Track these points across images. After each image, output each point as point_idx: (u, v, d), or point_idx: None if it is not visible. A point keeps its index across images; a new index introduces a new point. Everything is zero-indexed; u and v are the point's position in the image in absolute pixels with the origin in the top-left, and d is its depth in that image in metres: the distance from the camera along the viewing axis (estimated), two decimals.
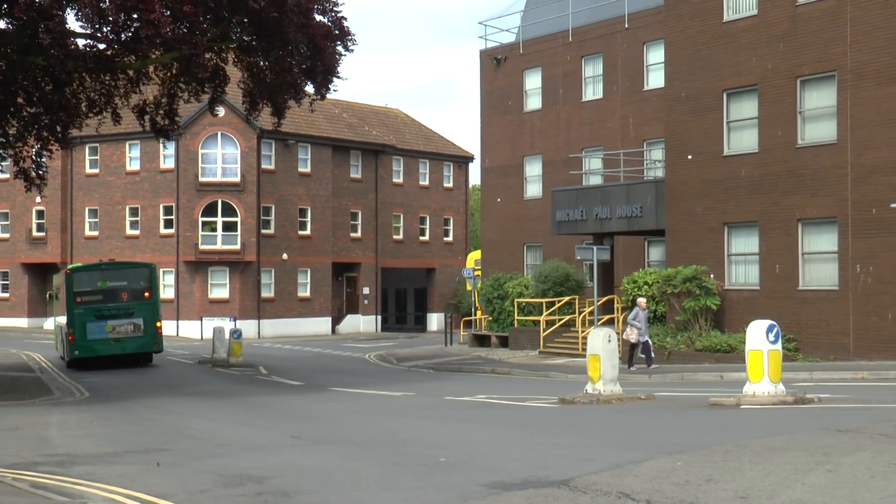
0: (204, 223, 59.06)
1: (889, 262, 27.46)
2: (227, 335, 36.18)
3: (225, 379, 30.54)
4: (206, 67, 25.80)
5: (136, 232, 61.29)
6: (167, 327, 59.64)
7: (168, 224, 60.09)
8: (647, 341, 28.66)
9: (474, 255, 53.05)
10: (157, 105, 28.78)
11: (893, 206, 26.37)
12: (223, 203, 59.02)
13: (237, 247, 58.99)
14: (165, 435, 16.58)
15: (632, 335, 28.30)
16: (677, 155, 32.97)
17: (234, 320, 55.59)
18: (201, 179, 58.84)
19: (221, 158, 59.28)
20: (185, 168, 58.97)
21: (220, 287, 58.39)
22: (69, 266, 39.44)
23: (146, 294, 36.56)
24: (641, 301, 28.95)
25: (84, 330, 35.56)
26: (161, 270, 60.21)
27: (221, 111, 54.51)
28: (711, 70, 31.87)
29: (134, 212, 61.50)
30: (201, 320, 57.52)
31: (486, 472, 11.42)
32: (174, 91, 28.44)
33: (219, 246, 59.02)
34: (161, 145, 56.43)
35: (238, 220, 59.07)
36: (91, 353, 35.65)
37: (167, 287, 60.22)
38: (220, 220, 59.02)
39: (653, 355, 28.78)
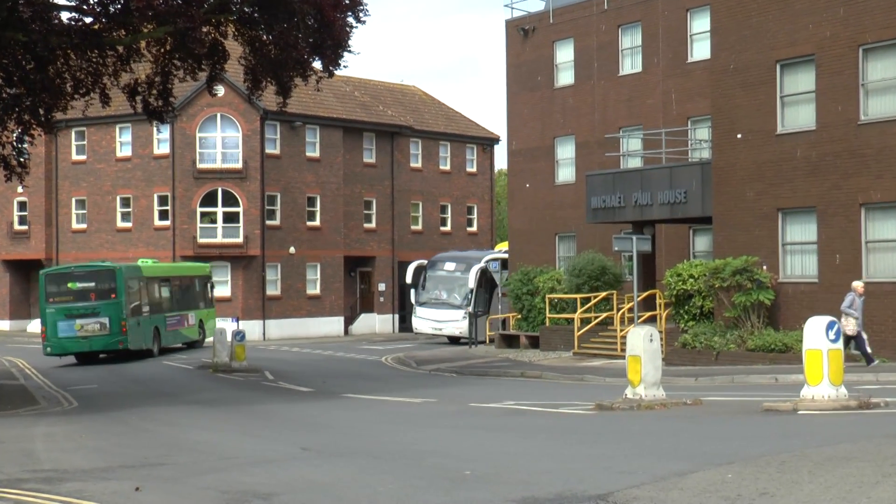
0: (202, 214, 59.25)
1: None
2: (229, 337, 36.32)
3: (227, 385, 30.66)
4: (204, 42, 25.83)
5: (128, 224, 61.55)
6: None
7: (163, 215, 60.30)
8: (860, 334, 26.80)
9: (501, 247, 53.14)
10: (149, 84, 28.85)
11: None
12: (223, 192, 59.18)
13: (239, 240, 59.16)
14: (162, 448, 16.65)
15: (848, 326, 26.24)
16: (725, 134, 32.85)
17: (237, 321, 55.61)
18: (199, 166, 59.01)
19: (221, 143, 59.45)
20: (182, 154, 59.15)
21: (221, 284, 58.53)
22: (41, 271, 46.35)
23: (112, 295, 42.51)
24: (857, 285, 27.12)
25: (55, 328, 41.93)
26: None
27: (221, 90, 54.55)
28: (763, 39, 31.73)
29: (125, 202, 61.76)
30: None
31: (516, 486, 11.42)
32: (168, 69, 28.49)
33: (219, 239, 59.20)
34: (154, 129, 56.57)
35: (240, 210, 59.24)
36: (61, 350, 42.17)
37: None
38: (220, 210, 59.20)
39: (869, 350, 26.90)
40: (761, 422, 16.46)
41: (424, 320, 52.27)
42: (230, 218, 59.29)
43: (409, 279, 54.50)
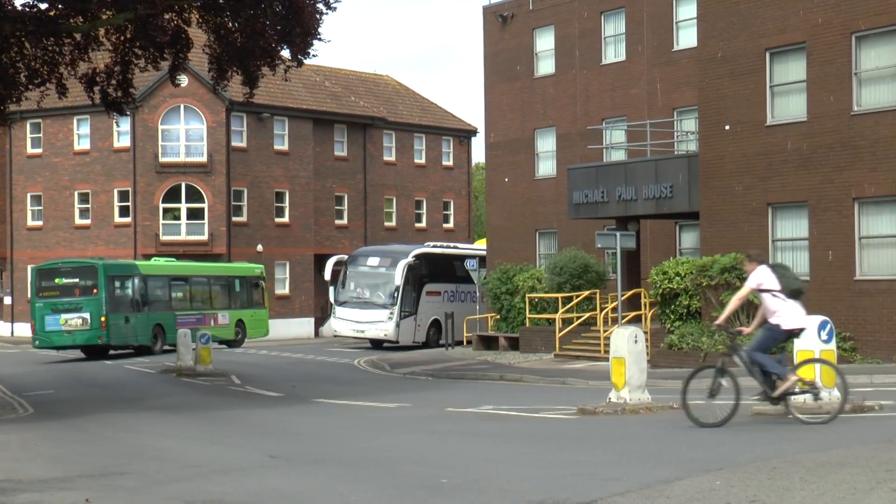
0: (165, 210, 59.11)
1: None
2: (193, 340, 36.21)
3: (192, 390, 30.58)
4: (166, 30, 25.74)
5: (87, 221, 61.33)
6: None
7: (124, 212, 60.13)
8: None
9: (479, 244, 53.15)
10: (108, 74, 28.71)
11: None
12: (187, 187, 59.03)
13: (204, 237, 59.04)
14: (124, 456, 16.59)
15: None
16: (713, 125, 32.95)
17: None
18: (162, 160, 58.86)
19: (185, 135, 59.32)
20: (143, 147, 58.96)
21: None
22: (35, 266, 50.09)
23: (94, 291, 45.79)
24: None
25: (43, 322, 45.88)
26: None
27: (184, 80, 54.33)
28: (752, 26, 31.83)
29: (84, 198, 61.54)
30: None
31: (495, 494, 11.43)
32: (129, 58, 28.36)
33: (183, 236, 59.07)
34: (114, 121, 56.37)
35: (205, 206, 59.11)
36: (48, 343, 46.17)
37: None
38: (184, 206, 59.06)
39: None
40: (751, 426, 16.50)
41: (344, 321, 49.79)
42: (194, 214, 59.16)
43: (327, 276, 52.15)
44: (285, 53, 28.26)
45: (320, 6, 27.16)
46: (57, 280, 46.33)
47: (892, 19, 28.73)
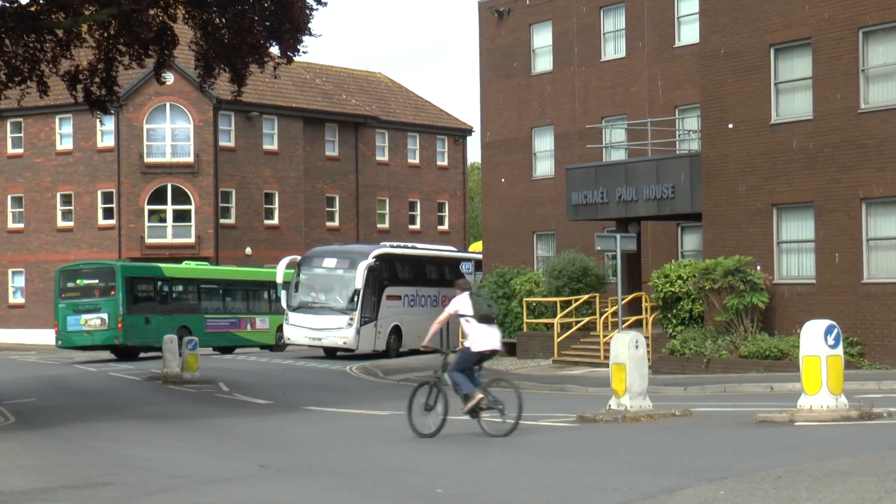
0: (151, 212, 59.07)
1: None
2: (180, 346, 36.18)
3: (179, 398, 30.55)
4: (151, 26, 25.71)
5: (70, 224, 61.28)
6: None
7: (108, 214, 60.09)
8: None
9: (476, 247, 53.09)
10: (92, 72, 28.69)
11: None
12: (174, 188, 59.00)
13: (191, 240, 59.00)
14: (109, 466, 16.57)
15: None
16: (715, 124, 32.98)
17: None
18: (147, 160, 58.83)
19: (171, 135, 59.30)
20: (128, 147, 58.92)
21: None
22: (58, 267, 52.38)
23: (112, 292, 48.06)
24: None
25: (65, 322, 48.55)
26: None
27: (170, 78, 54.50)
28: (756, 21, 31.87)
29: (66, 199, 61.49)
30: None
31: None
32: (112, 55, 28.35)
33: (169, 239, 59.03)
34: (98, 120, 56.28)
35: (192, 208, 59.08)
36: (70, 343, 48.94)
37: None
38: (170, 208, 59.03)
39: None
40: (755, 434, 16.52)
41: (299, 328, 46.76)
42: (181, 216, 59.14)
43: (279, 278, 48.30)
44: (274, 50, 28.25)
45: (311, 1, 27.16)
46: (78, 281, 48.97)
47: None
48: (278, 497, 12.96)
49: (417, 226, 71.06)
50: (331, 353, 47.71)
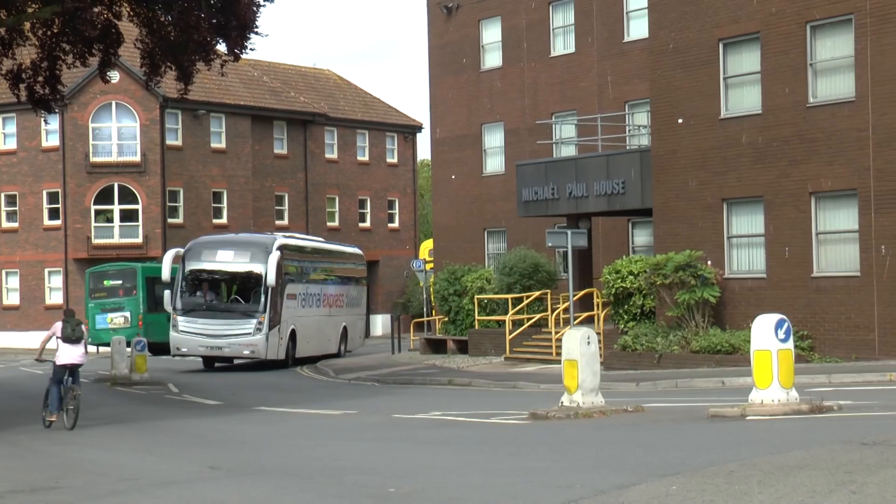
0: (98, 212, 58.64)
1: None
2: (128, 347, 35.97)
3: (127, 400, 30.39)
4: (95, 24, 25.55)
5: (14, 224, 60.71)
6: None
7: (53, 214, 59.61)
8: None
9: (427, 245, 53.01)
10: (35, 70, 28.48)
11: None
12: (120, 187, 58.60)
13: (139, 240, 58.62)
14: (56, 469, 16.46)
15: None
16: (665, 119, 33.13)
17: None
18: (93, 159, 58.38)
19: (117, 133, 58.87)
20: (73, 146, 58.46)
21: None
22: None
23: (134, 292, 51.53)
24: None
25: (94, 321, 51.19)
26: (46, 270, 59.84)
27: (116, 76, 54.02)
28: (705, 16, 32.03)
29: (11, 200, 60.90)
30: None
31: (444, 503, 11.44)
32: (56, 53, 28.15)
33: (116, 239, 58.63)
34: (42, 119, 55.85)
35: (139, 207, 58.70)
36: (98, 340, 50.10)
37: (53, 291, 59.76)
38: (117, 208, 58.62)
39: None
40: (707, 429, 16.62)
41: (192, 336, 39.87)
42: (128, 216, 58.74)
43: (165, 275, 40.99)
44: (221, 48, 28.16)
45: None
46: (104, 282, 52.70)
47: (847, 8, 28.98)
48: (229, 498, 12.92)
49: (367, 223, 70.94)
50: (209, 363, 42.01)
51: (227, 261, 40.50)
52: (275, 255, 39.54)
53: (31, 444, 20.55)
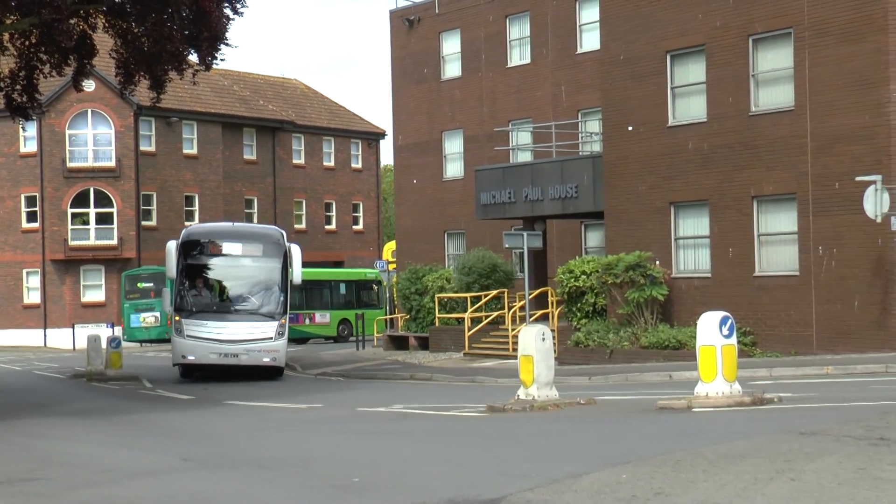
0: (74, 215, 58.31)
1: (855, 243, 27.94)
2: (103, 344, 35.76)
3: (103, 395, 30.21)
4: (71, 35, 25.41)
5: None
6: (34, 337, 58.79)
7: (31, 217, 59.24)
8: None
9: (390, 247, 53.01)
10: (13, 79, 28.31)
11: (859, 179, 26.84)
12: (96, 191, 58.29)
13: (114, 242, 58.33)
14: (34, 462, 16.33)
15: None
16: (616, 126, 33.24)
17: (112, 326, 55.02)
18: (69, 165, 58.06)
19: (93, 140, 58.56)
20: (50, 152, 58.12)
21: (94, 289, 57.75)
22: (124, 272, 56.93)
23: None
24: None
25: (129, 320, 54.28)
26: (24, 271, 59.45)
27: (91, 85, 53.88)
28: (653, 29, 32.16)
29: None
30: (73, 328, 56.80)
31: (407, 492, 11.43)
32: (34, 63, 28.00)
33: (92, 241, 58.32)
34: (20, 126, 55.51)
35: (114, 210, 58.41)
36: (133, 337, 53.82)
37: (31, 290, 59.37)
38: (92, 211, 58.30)
39: None
40: (656, 420, 16.67)
41: (201, 342, 32.16)
42: (103, 219, 58.45)
43: (171, 271, 33.14)
44: (193, 58, 28.07)
45: (228, 11, 27.05)
46: (139, 284, 54.78)
47: (787, 22, 29.17)
48: (201, 488, 12.87)
49: (333, 226, 70.86)
50: (188, 372, 33.88)
51: (237, 254, 33.53)
52: (296, 249, 33.25)
53: (8, 437, 20.37)
